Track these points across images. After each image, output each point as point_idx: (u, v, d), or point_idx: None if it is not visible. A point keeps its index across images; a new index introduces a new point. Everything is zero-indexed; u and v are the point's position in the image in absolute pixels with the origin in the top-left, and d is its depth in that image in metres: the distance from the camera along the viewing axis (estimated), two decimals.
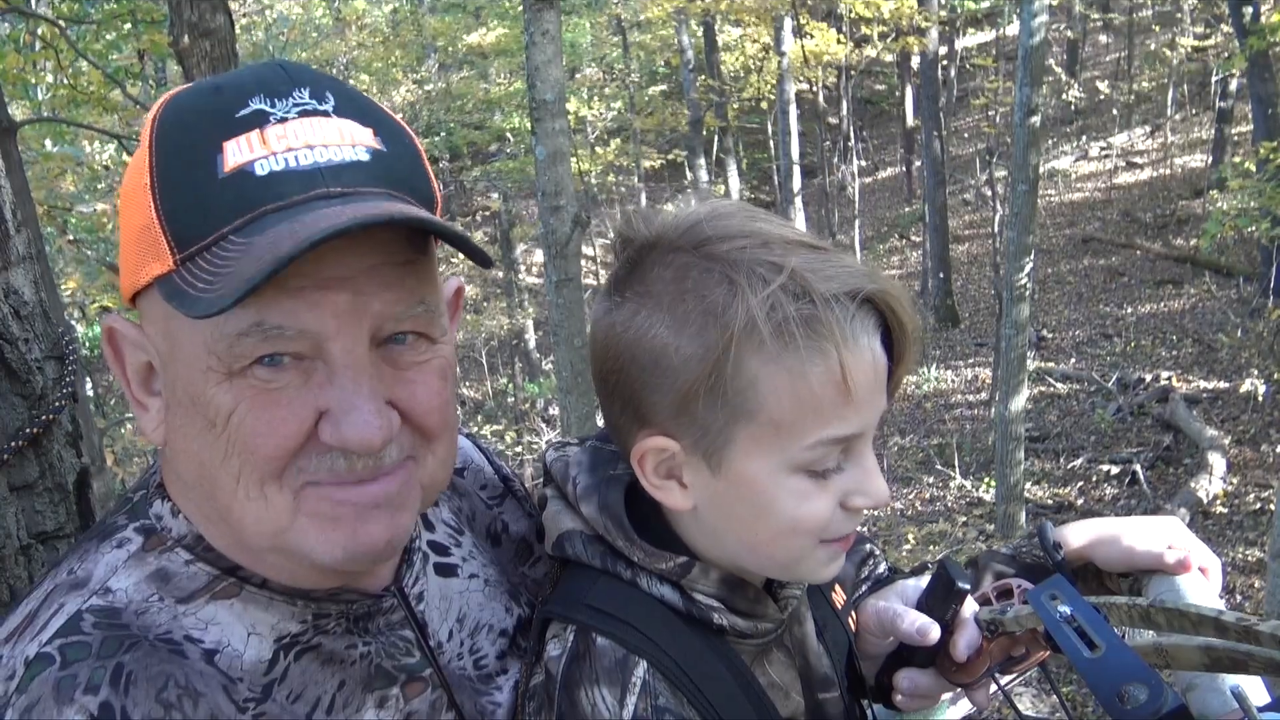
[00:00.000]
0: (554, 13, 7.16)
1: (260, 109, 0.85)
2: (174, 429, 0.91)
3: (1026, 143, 9.57)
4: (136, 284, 0.88)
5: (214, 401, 0.85)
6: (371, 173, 0.87)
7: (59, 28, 7.15)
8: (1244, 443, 11.54)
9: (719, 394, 0.96)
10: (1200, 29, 21.88)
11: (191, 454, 0.90)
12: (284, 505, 0.88)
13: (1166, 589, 1.14)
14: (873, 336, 0.98)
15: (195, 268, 0.83)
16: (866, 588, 1.33)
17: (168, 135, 0.86)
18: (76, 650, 0.84)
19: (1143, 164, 22.53)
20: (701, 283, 0.97)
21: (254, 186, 0.83)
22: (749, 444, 0.98)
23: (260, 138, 0.84)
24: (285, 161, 0.84)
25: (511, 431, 17.15)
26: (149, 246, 0.85)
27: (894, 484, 12.93)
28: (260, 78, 0.88)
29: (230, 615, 0.93)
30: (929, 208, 17.85)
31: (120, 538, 0.94)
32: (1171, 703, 0.83)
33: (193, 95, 0.89)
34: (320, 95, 0.88)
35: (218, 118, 0.85)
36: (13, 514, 1.28)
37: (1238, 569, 9.27)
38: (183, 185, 0.84)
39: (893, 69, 25.61)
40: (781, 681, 1.11)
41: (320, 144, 0.85)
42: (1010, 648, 1.13)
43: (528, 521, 1.26)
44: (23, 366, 1.28)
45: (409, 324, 0.90)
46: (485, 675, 1.09)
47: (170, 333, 0.88)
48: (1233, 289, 15.73)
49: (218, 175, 0.83)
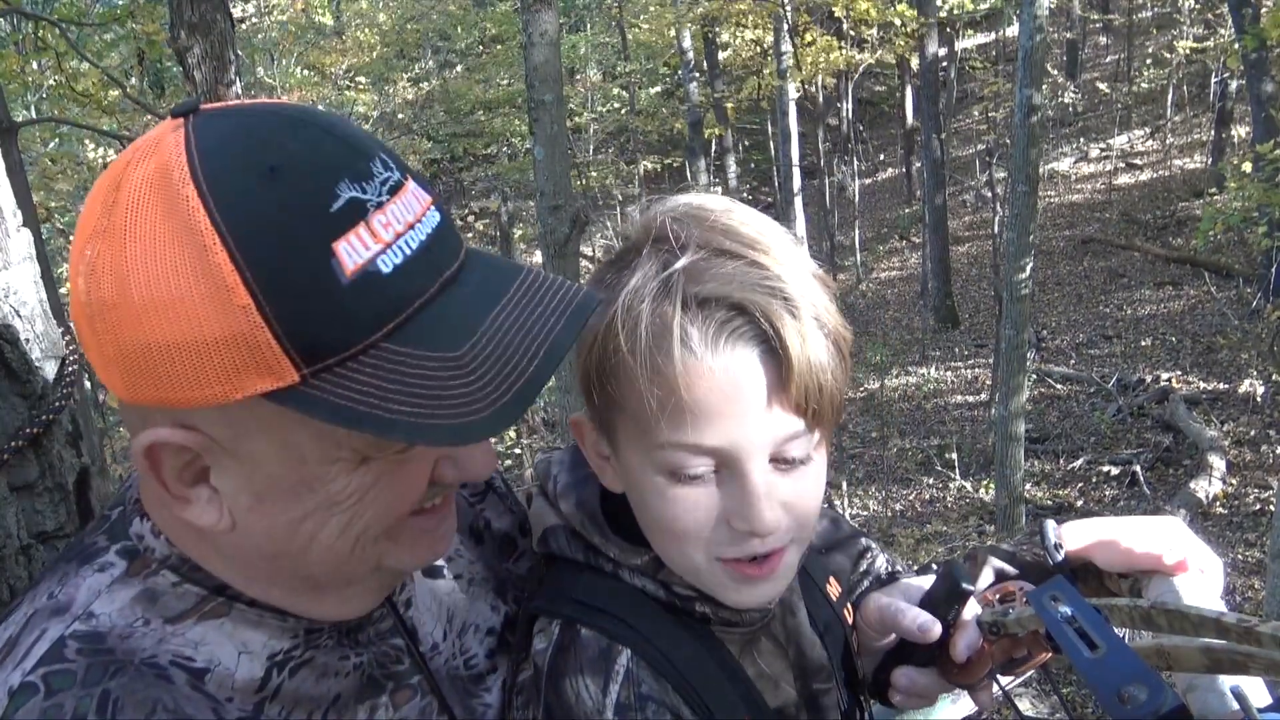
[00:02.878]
0: (552, 14, 7.16)
1: (354, 197, 0.78)
2: (260, 515, 0.87)
3: (1026, 144, 9.57)
4: (225, 397, 0.78)
5: (347, 487, 0.85)
6: (454, 239, 0.86)
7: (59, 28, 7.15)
8: (1244, 444, 11.55)
9: (598, 380, 0.99)
10: (1200, 30, 21.88)
11: (275, 533, 0.88)
12: (386, 545, 0.91)
13: (1166, 590, 1.14)
14: (744, 349, 0.93)
15: (332, 378, 0.78)
16: (868, 583, 1.34)
17: (255, 242, 0.75)
18: (61, 679, 0.82)
19: (1142, 165, 22.54)
20: (620, 276, 0.99)
21: (385, 287, 0.78)
22: (624, 433, 1.00)
23: (369, 232, 0.78)
24: (402, 252, 0.79)
25: (511, 432, 17.15)
26: (251, 360, 0.76)
27: (893, 485, 12.93)
28: (332, 160, 0.80)
29: (220, 635, 0.91)
30: (928, 209, 17.85)
31: (102, 561, 0.92)
32: (1171, 703, 0.83)
33: (243, 185, 0.76)
34: (388, 163, 0.83)
35: (311, 216, 0.77)
36: (13, 514, 1.27)
37: (1238, 570, 9.26)
38: (302, 295, 0.76)
39: (893, 70, 25.61)
40: (771, 671, 1.11)
41: (415, 220, 0.82)
42: (1012, 649, 1.13)
43: (510, 517, 1.26)
44: (23, 366, 1.28)
45: None
46: (476, 675, 1.09)
47: (272, 428, 0.82)
48: (1232, 290, 15.73)
49: (341, 282, 0.76)
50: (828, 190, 18.63)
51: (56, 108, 9.64)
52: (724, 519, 0.97)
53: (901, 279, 21.03)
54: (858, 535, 1.40)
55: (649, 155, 22.94)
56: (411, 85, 21.00)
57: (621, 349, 0.95)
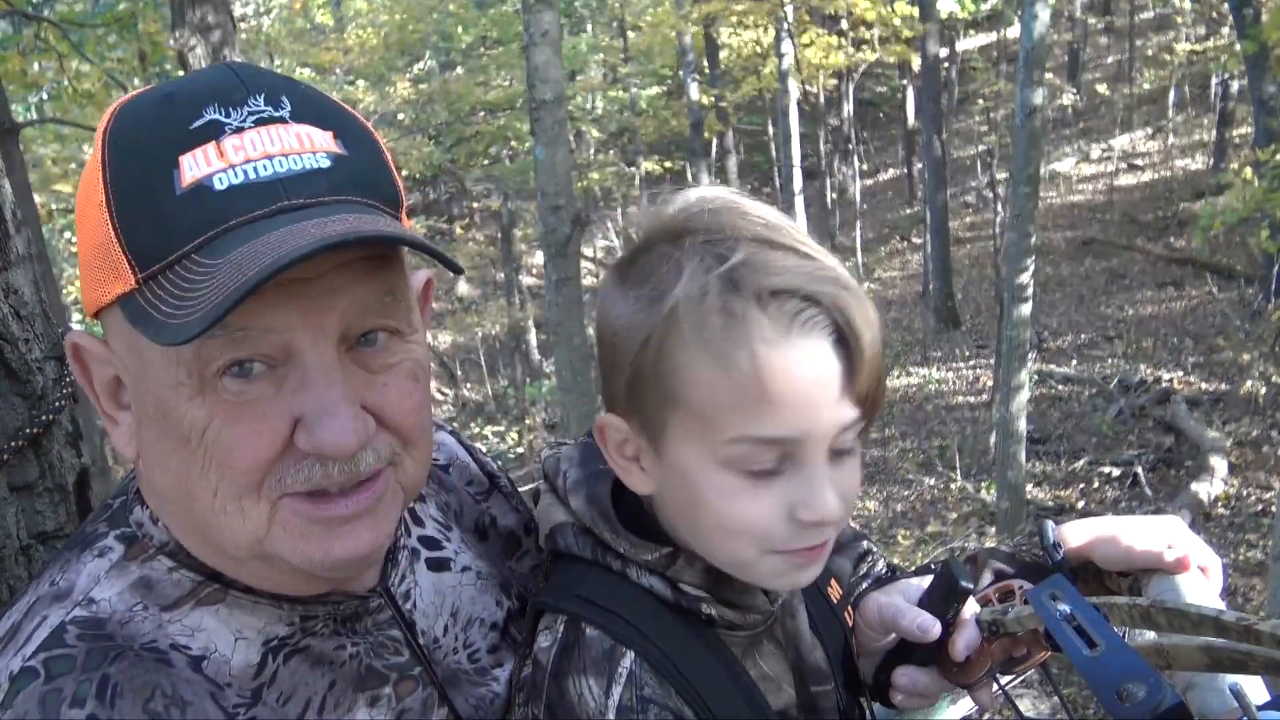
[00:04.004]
0: (553, 13, 7.17)
1: (215, 119, 0.83)
2: (146, 444, 0.90)
3: (1027, 144, 9.57)
4: (99, 301, 0.86)
5: (187, 417, 0.84)
6: (333, 179, 0.85)
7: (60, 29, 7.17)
8: (1245, 444, 11.53)
9: (652, 377, 0.97)
10: (1201, 30, 21.88)
11: (166, 468, 0.88)
12: (261, 516, 0.87)
13: (1166, 588, 1.14)
14: (818, 340, 0.94)
15: (158, 288, 0.81)
16: (867, 585, 1.34)
17: (120, 149, 0.84)
18: (61, 664, 0.84)
19: (1144, 166, 22.52)
20: (659, 269, 0.98)
21: (214, 202, 0.81)
22: (680, 431, 0.98)
23: (217, 150, 0.82)
24: (244, 174, 0.82)
25: (513, 433, 17.15)
26: (109, 264, 0.84)
27: (895, 485, 12.92)
28: (214, 85, 0.85)
29: (216, 621, 0.92)
30: (930, 209, 17.84)
31: (101, 546, 0.94)
32: (1170, 700, 0.83)
33: (143, 105, 0.87)
34: (276, 100, 0.85)
35: (171, 130, 0.83)
36: (13, 514, 1.28)
37: (1239, 570, 9.25)
38: (140, 202, 0.82)
39: (894, 70, 25.62)
40: (773, 674, 1.11)
41: (279, 153, 0.83)
42: (1011, 648, 1.13)
43: (515, 515, 1.27)
44: (23, 366, 1.28)
45: (378, 316, 0.89)
46: (480, 669, 1.10)
47: (137, 349, 0.86)
48: (1234, 291, 15.72)
49: (175, 192, 0.81)
50: (829, 191, 18.66)
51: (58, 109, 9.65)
52: (789, 511, 0.98)
53: (903, 280, 21.02)
54: (859, 538, 1.40)
55: (650, 156, 22.93)
56: (412, 85, 20.99)
57: (688, 344, 0.95)
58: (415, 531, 1.13)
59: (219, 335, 0.81)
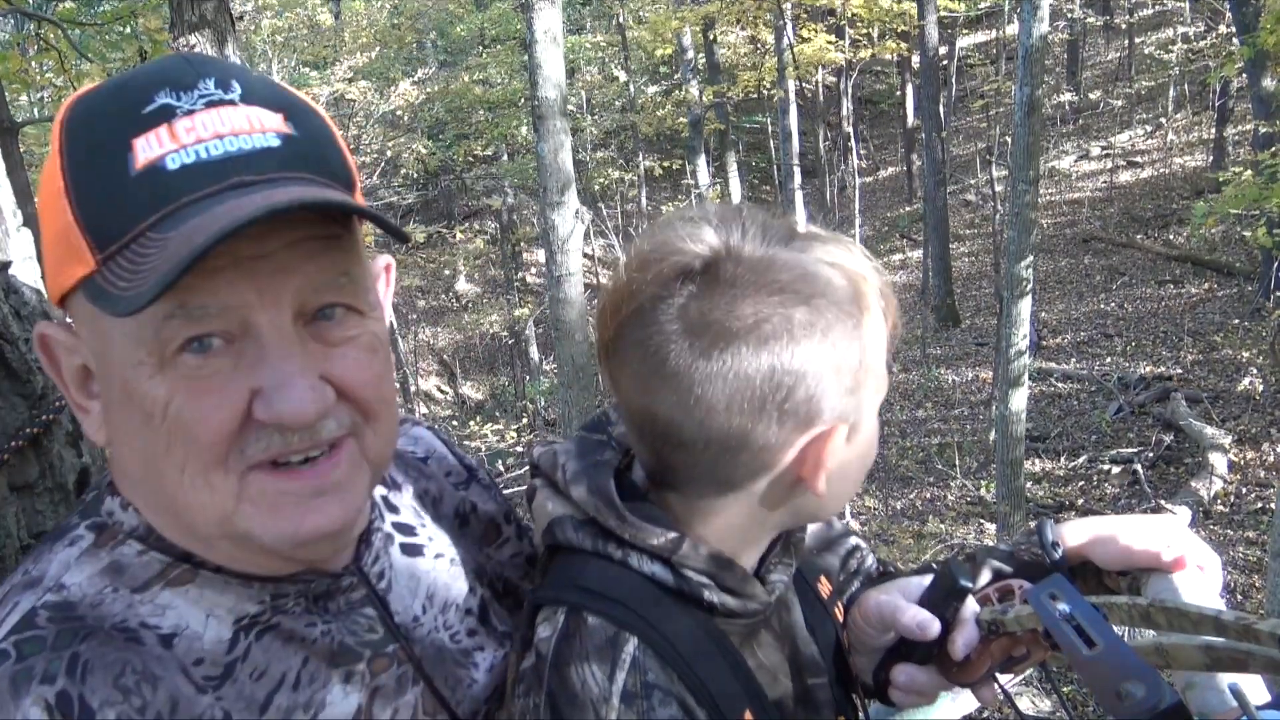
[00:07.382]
0: (555, 11, 7.17)
1: (166, 103, 0.85)
2: (115, 427, 0.92)
3: (1027, 142, 9.57)
4: (63, 286, 0.89)
5: (149, 395, 0.86)
6: (283, 157, 0.87)
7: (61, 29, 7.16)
8: (1245, 442, 11.54)
9: (866, 365, 1.03)
10: (1200, 28, 21.87)
11: (134, 449, 0.91)
12: (228, 491, 0.88)
13: (1165, 588, 1.14)
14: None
15: (116, 267, 0.83)
16: (859, 583, 1.34)
17: (77, 137, 0.87)
18: (31, 645, 0.85)
19: (1143, 163, 22.52)
20: (799, 294, 0.99)
21: (167, 181, 0.83)
22: (871, 401, 1.06)
23: (169, 132, 0.84)
24: (196, 154, 0.84)
25: (512, 432, 17.16)
26: (71, 249, 0.86)
27: (894, 484, 12.93)
28: (164, 72, 0.88)
29: (186, 601, 0.93)
30: (929, 207, 17.85)
31: (72, 535, 0.96)
32: (1169, 700, 0.83)
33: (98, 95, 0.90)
34: (226, 85, 0.88)
35: (124, 115, 0.86)
36: (13, 514, 1.28)
37: (1238, 568, 9.27)
38: (97, 186, 0.85)
39: (893, 68, 25.61)
40: (770, 664, 1.12)
41: (229, 133, 0.86)
42: (1011, 648, 1.14)
43: (494, 504, 1.29)
44: (23, 366, 1.28)
45: (333, 295, 0.90)
46: (462, 650, 1.11)
47: (101, 332, 0.88)
48: (1234, 288, 15.73)
49: (130, 173, 0.83)
50: (828, 189, 18.66)
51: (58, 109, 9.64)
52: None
53: (902, 277, 21.03)
54: (847, 534, 1.40)
55: (649, 155, 22.91)
56: (414, 86, 20.97)
57: (875, 321, 1.06)
58: (389, 518, 1.14)
59: (178, 316, 0.83)
